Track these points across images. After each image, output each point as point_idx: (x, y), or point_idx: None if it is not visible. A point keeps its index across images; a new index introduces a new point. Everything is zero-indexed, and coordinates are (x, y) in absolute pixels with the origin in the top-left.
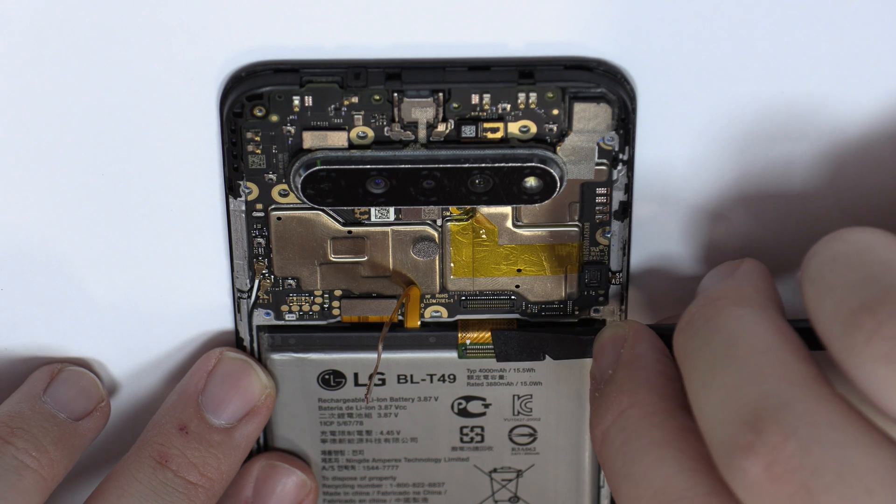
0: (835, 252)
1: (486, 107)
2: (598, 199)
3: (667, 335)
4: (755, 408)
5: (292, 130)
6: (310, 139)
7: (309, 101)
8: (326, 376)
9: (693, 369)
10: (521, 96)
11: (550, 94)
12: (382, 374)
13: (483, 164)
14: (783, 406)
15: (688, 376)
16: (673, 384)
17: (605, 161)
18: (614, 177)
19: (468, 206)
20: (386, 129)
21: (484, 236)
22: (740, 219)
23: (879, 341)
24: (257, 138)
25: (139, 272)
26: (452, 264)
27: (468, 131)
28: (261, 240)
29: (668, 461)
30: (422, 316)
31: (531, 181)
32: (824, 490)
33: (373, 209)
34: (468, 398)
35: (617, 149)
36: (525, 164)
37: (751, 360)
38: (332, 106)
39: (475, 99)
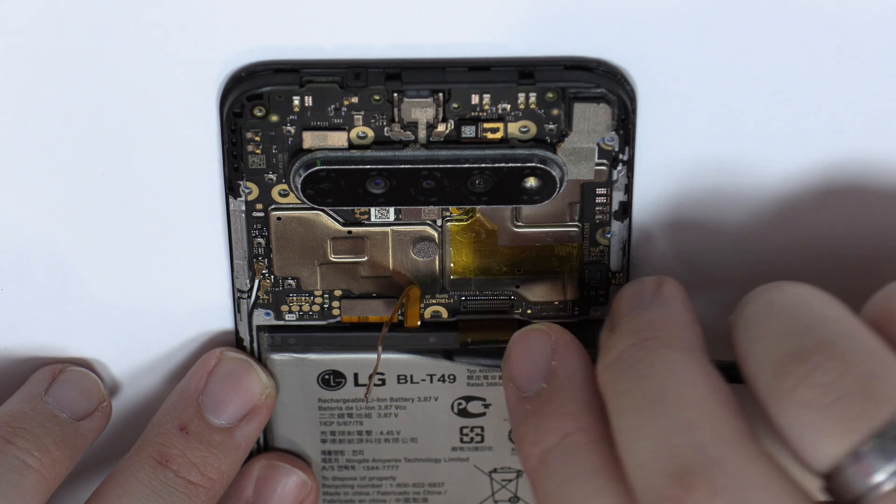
0: (771, 300)
1: (486, 107)
2: (598, 200)
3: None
4: (684, 462)
5: (292, 130)
6: (310, 139)
7: (309, 101)
8: (326, 376)
9: (622, 411)
10: (521, 96)
11: (550, 95)
12: (382, 374)
13: (483, 165)
14: (713, 463)
15: (615, 415)
16: (603, 408)
17: (605, 161)
18: (614, 177)
19: (468, 206)
20: (386, 129)
21: (484, 236)
22: (740, 218)
23: (806, 388)
24: (257, 138)
25: (139, 272)
26: (452, 264)
27: (468, 131)
28: (261, 240)
29: (606, 491)
30: (422, 316)
31: (531, 181)
32: None
33: (373, 209)
34: (468, 398)
35: (617, 149)
36: (525, 165)
37: (682, 411)
38: (332, 106)
39: (475, 99)
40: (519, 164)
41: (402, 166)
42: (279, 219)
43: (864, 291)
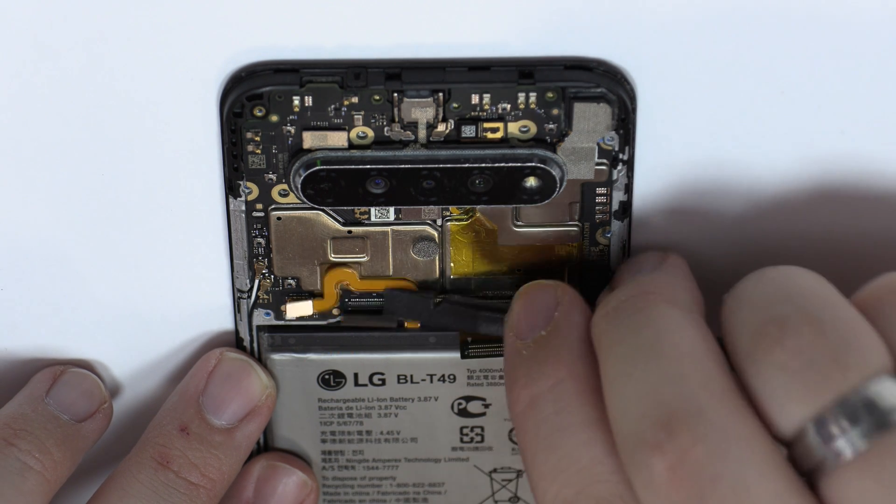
0: (763, 274)
1: (486, 107)
2: (598, 199)
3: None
4: (671, 408)
5: (292, 130)
6: (310, 139)
7: (309, 101)
8: (326, 376)
9: (614, 357)
10: (521, 96)
11: (550, 94)
12: (382, 374)
13: (483, 164)
14: (698, 412)
15: (606, 362)
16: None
17: (605, 161)
18: (614, 177)
19: (468, 206)
20: (386, 129)
21: (484, 236)
22: (740, 218)
23: (780, 351)
24: (257, 138)
25: (139, 272)
26: (452, 264)
27: (468, 131)
28: (261, 240)
29: (597, 443)
30: None
31: (531, 181)
32: (717, 500)
33: (373, 209)
34: (468, 398)
35: (617, 149)
36: (525, 164)
37: (674, 360)
38: (332, 106)
39: (475, 99)
40: (519, 164)
41: (402, 166)
42: (279, 219)
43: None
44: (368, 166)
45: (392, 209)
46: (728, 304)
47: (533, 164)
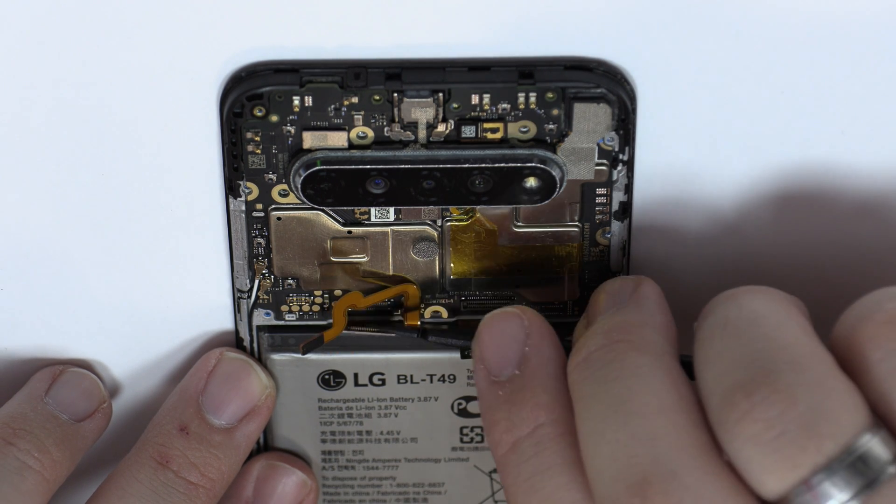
0: (727, 318)
1: (486, 107)
2: (598, 200)
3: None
4: (644, 472)
5: (292, 130)
6: (310, 139)
7: (309, 101)
8: (326, 376)
9: (587, 415)
10: (521, 96)
11: (550, 95)
12: (382, 374)
13: (483, 165)
14: (672, 475)
15: (580, 417)
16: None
17: (605, 161)
18: (614, 177)
19: (468, 206)
20: (386, 129)
21: (484, 236)
22: (740, 218)
23: (750, 423)
24: (257, 138)
25: (140, 272)
26: (452, 264)
27: (468, 131)
28: (261, 240)
29: (576, 486)
30: (422, 316)
31: (531, 181)
32: None
33: (373, 209)
34: (468, 398)
35: (617, 149)
36: (525, 165)
37: (646, 418)
38: (332, 106)
39: (475, 99)
40: (519, 164)
41: (402, 166)
42: (279, 219)
43: (856, 292)
44: (368, 166)
45: (392, 209)
46: (696, 354)
47: (533, 164)
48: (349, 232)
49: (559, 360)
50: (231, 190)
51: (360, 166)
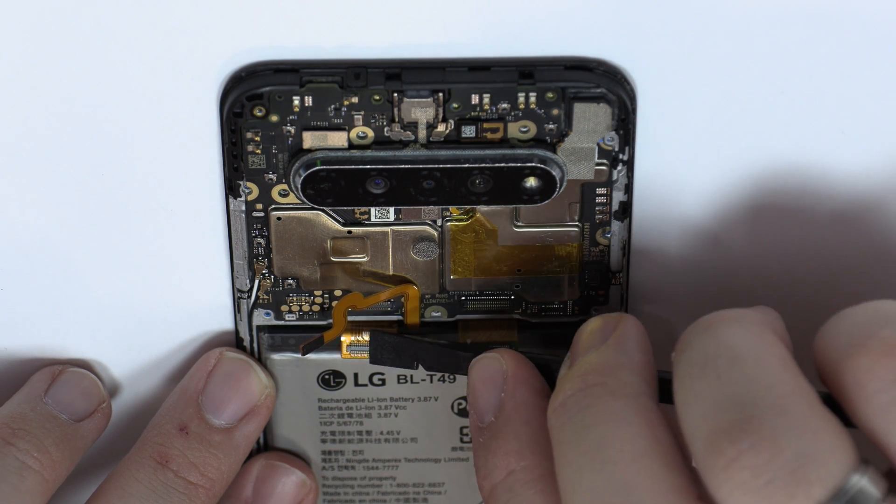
0: (706, 354)
1: (486, 107)
2: (598, 200)
3: (543, 365)
4: None
5: (292, 130)
6: (310, 139)
7: (309, 101)
8: (326, 376)
9: (564, 461)
10: (521, 96)
11: (550, 95)
12: (382, 374)
13: (483, 165)
14: None
15: (558, 463)
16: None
17: (605, 161)
18: (614, 177)
19: (468, 206)
20: (386, 129)
21: (484, 236)
22: (740, 218)
23: (738, 470)
24: (257, 138)
25: (139, 272)
26: (452, 264)
27: (468, 131)
28: (261, 240)
29: None
30: (422, 316)
31: (531, 181)
32: None
33: (373, 209)
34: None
35: (617, 149)
36: (525, 165)
37: (620, 467)
38: (332, 106)
39: (475, 99)
40: (519, 164)
41: (402, 166)
42: (279, 219)
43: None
44: (368, 166)
45: (392, 209)
46: (676, 390)
47: (533, 164)
48: (349, 232)
49: (537, 404)
50: (231, 190)
51: (360, 166)
